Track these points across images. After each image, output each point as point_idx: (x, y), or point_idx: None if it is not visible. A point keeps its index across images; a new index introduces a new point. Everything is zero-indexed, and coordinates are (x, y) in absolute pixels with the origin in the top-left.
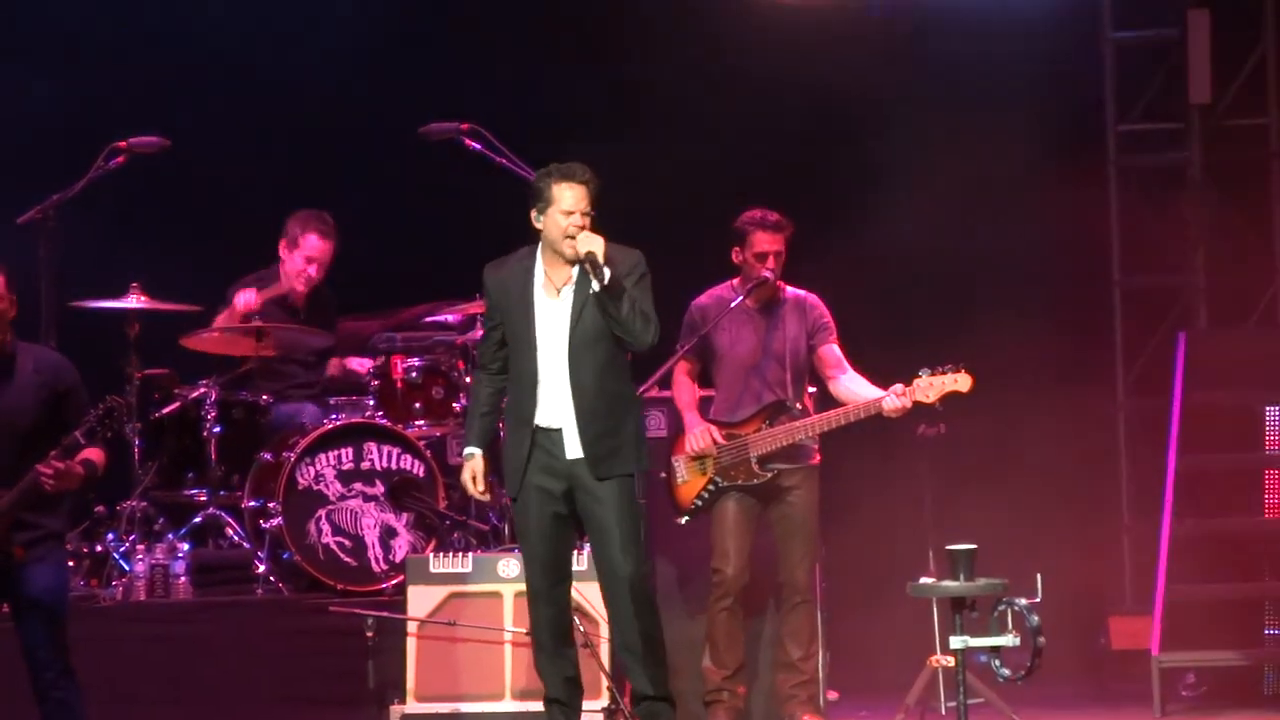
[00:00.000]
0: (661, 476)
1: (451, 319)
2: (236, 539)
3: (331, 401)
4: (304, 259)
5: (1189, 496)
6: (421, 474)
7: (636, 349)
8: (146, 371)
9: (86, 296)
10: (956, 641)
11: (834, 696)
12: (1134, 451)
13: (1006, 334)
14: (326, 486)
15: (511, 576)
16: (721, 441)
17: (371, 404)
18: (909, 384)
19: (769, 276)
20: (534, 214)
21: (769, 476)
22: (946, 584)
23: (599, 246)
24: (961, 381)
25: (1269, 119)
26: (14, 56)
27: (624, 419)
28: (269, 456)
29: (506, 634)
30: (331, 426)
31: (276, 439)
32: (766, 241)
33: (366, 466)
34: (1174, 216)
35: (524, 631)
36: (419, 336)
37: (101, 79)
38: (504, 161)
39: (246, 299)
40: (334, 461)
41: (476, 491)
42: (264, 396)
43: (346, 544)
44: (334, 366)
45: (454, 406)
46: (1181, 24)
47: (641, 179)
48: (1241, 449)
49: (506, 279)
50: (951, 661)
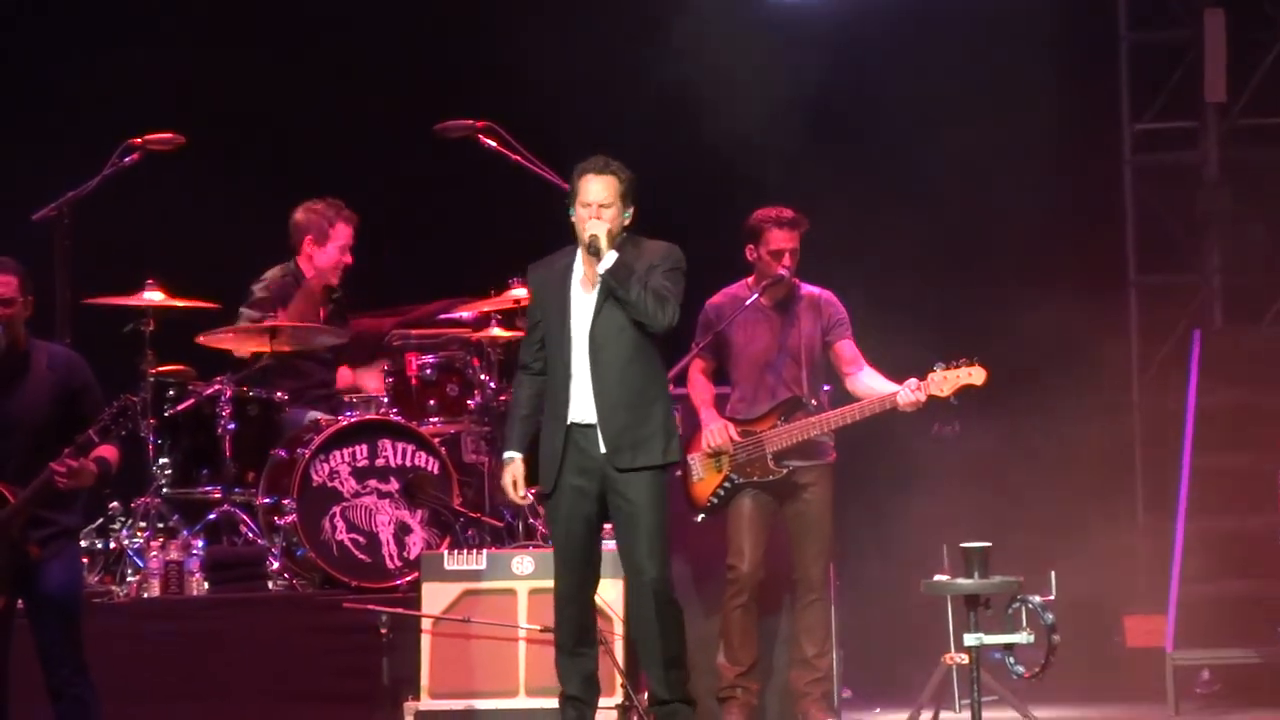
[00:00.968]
0: (678, 474)
1: (466, 316)
2: (251, 535)
3: (346, 399)
4: (338, 249)
5: (1204, 494)
6: (436, 471)
7: (655, 331)
8: (161, 368)
9: (101, 293)
10: (971, 639)
11: (848, 694)
12: (1149, 449)
13: (1022, 332)
14: (341, 483)
15: (526, 573)
16: (737, 439)
17: (386, 401)
18: (923, 378)
19: (785, 274)
20: (569, 210)
21: (785, 473)
22: (961, 581)
23: (602, 230)
24: (976, 375)
25: None
26: None
27: (651, 411)
28: (283, 453)
29: (521, 631)
30: (346, 423)
31: (291, 436)
32: (782, 239)
33: (381, 463)
34: (1189, 215)
35: (539, 629)
36: (434, 334)
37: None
38: (519, 159)
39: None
40: (348, 458)
41: (517, 497)
42: (279, 393)
43: (361, 541)
44: (343, 379)
45: (468, 404)
46: (1197, 23)
47: (649, 173)
48: (1256, 447)
49: (546, 276)
50: (966, 659)
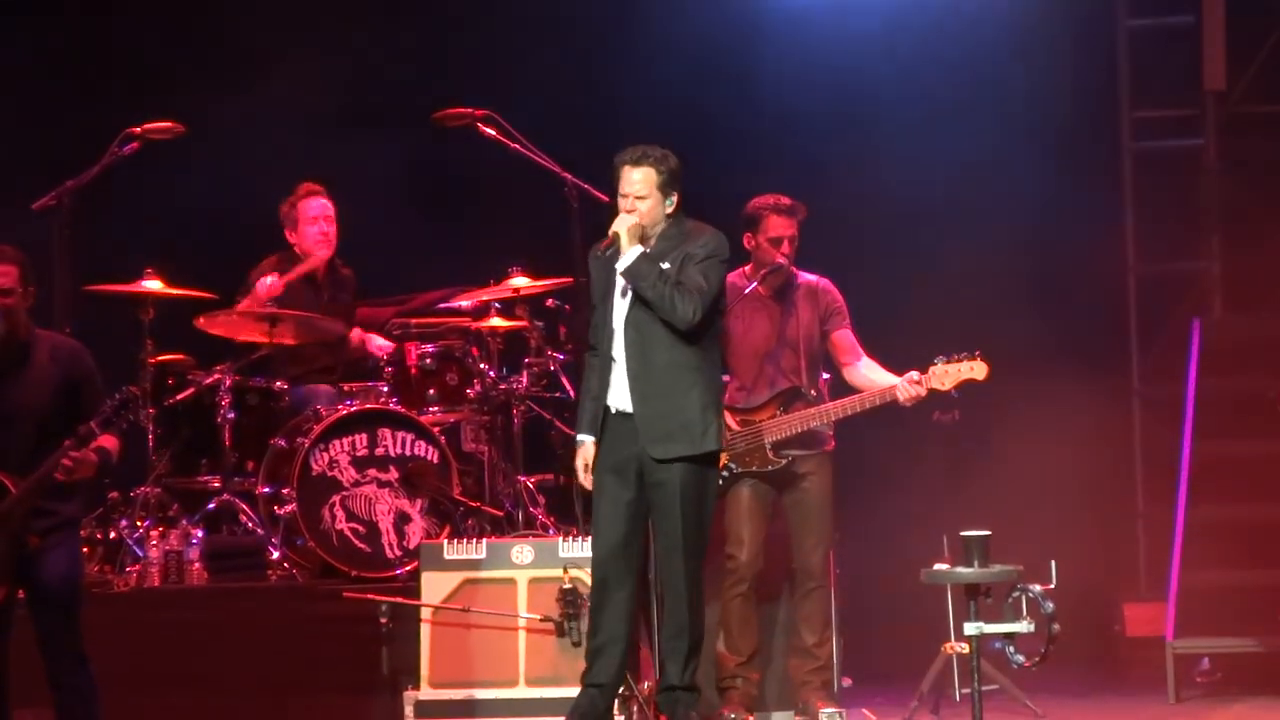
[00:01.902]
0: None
1: (466, 305)
2: (250, 525)
3: (346, 388)
4: (309, 221)
5: (1204, 482)
6: (435, 460)
7: (678, 326)
8: (161, 357)
9: (101, 281)
10: (971, 628)
11: (848, 683)
12: (1149, 438)
13: (1021, 320)
14: (341, 473)
15: (525, 563)
16: (736, 428)
17: (386, 390)
18: (924, 371)
19: (784, 263)
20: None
21: (784, 463)
22: (961, 570)
23: (624, 227)
24: (978, 369)
25: None
26: None
27: (686, 400)
28: (283, 443)
29: (520, 620)
30: (346, 412)
31: (290, 425)
32: (780, 226)
33: (381, 453)
34: (1189, 203)
35: (539, 618)
36: (433, 323)
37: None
38: (519, 148)
39: (270, 284)
40: (348, 448)
41: (586, 481)
42: (278, 382)
43: (360, 530)
44: (355, 337)
45: (468, 393)
46: (1196, 10)
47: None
48: (1256, 435)
49: (600, 261)
50: (966, 648)
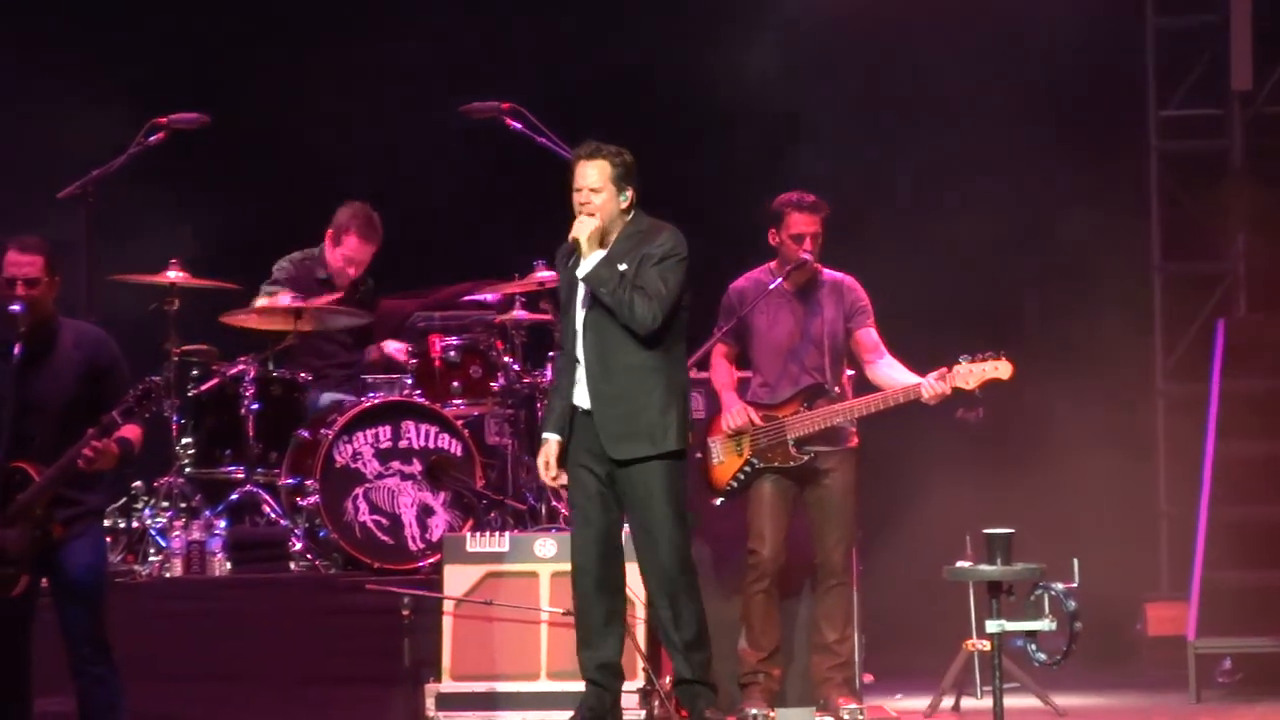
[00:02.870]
0: (698, 457)
1: (490, 298)
2: (273, 516)
3: (369, 380)
4: (343, 258)
5: (1227, 482)
6: (459, 453)
7: (639, 332)
8: (185, 347)
9: (126, 272)
10: (993, 625)
11: (869, 679)
12: (1172, 437)
13: (1045, 318)
14: (364, 465)
15: (548, 556)
16: (759, 422)
17: (409, 383)
18: (949, 370)
19: (808, 259)
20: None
21: (806, 459)
22: (983, 568)
23: (584, 232)
24: (1002, 369)
25: None
26: None
27: (647, 401)
28: (307, 434)
29: (543, 614)
30: (369, 405)
31: (314, 417)
32: (803, 223)
33: (404, 445)
34: (1214, 203)
35: (561, 612)
36: (457, 316)
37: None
38: (544, 141)
39: (287, 303)
40: (372, 440)
41: (548, 478)
42: (302, 374)
43: (383, 522)
44: (374, 351)
45: (492, 386)
46: (1224, 9)
47: (677, 163)
48: (1279, 435)
49: (563, 261)
50: (987, 645)
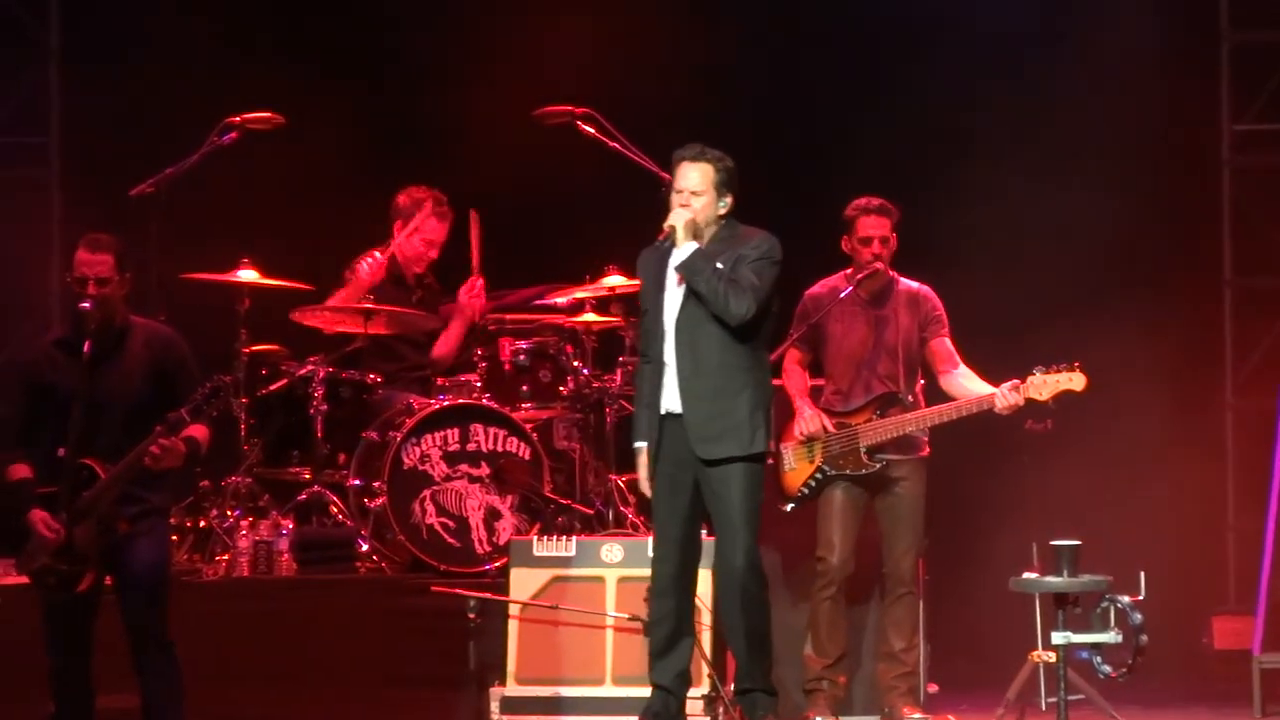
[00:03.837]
0: (769, 463)
1: (561, 302)
2: (340, 517)
3: (439, 383)
4: (422, 241)
5: None
6: (527, 457)
7: (730, 323)
8: (255, 347)
9: (197, 270)
10: (1058, 637)
11: (934, 689)
12: (1241, 450)
13: (1117, 330)
14: (432, 467)
15: (615, 561)
16: (831, 428)
17: (479, 386)
18: (1023, 381)
19: (879, 266)
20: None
21: (877, 467)
22: (1050, 579)
23: (680, 221)
24: (1076, 380)
25: None
26: None
27: (736, 402)
28: (375, 436)
29: (608, 619)
30: (438, 407)
31: (383, 419)
32: (870, 226)
33: (472, 448)
34: None
35: (627, 617)
36: (528, 319)
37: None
38: (617, 146)
39: (371, 265)
40: (440, 442)
41: (646, 489)
42: (371, 376)
43: (450, 525)
44: (441, 348)
45: (561, 390)
46: None
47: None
48: None
49: (649, 264)
50: (1053, 657)
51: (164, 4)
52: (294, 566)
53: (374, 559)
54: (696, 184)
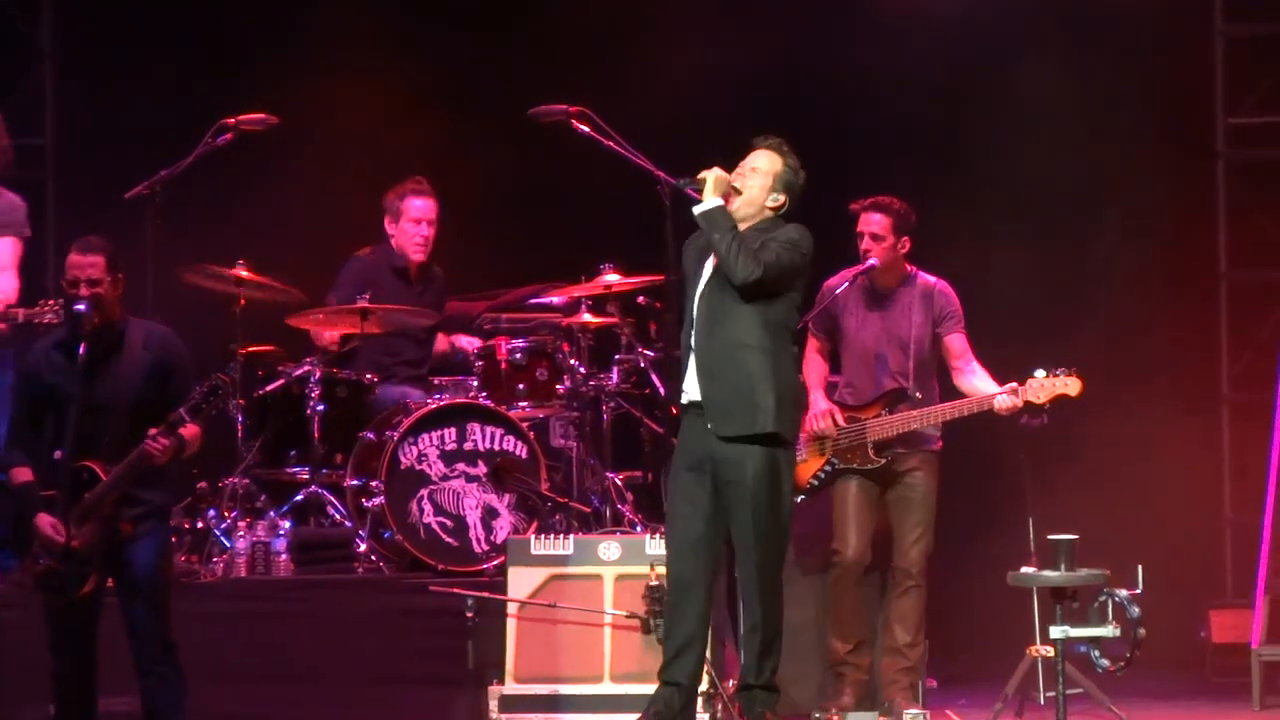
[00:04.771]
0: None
1: (557, 301)
2: (338, 517)
3: (435, 382)
4: (412, 221)
5: None
6: (524, 455)
7: (734, 282)
8: (251, 348)
9: (192, 272)
10: (1056, 631)
11: (933, 684)
12: (1237, 444)
13: (1111, 325)
14: (429, 466)
15: (612, 559)
16: (843, 424)
17: (475, 385)
18: (1023, 383)
19: (873, 261)
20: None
21: (884, 462)
22: (1047, 574)
23: (713, 175)
24: (1071, 385)
25: None
26: None
27: (753, 381)
28: (372, 435)
29: (606, 617)
30: (435, 406)
31: (380, 418)
32: (863, 222)
33: (469, 447)
34: None
35: (624, 615)
36: (524, 318)
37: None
38: (612, 145)
39: (358, 264)
40: (437, 442)
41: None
42: (368, 375)
43: (448, 524)
44: (442, 342)
45: (557, 388)
46: None
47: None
48: None
49: (690, 249)
50: (1051, 651)
51: (158, 5)
52: (291, 567)
53: (371, 559)
54: (761, 164)
